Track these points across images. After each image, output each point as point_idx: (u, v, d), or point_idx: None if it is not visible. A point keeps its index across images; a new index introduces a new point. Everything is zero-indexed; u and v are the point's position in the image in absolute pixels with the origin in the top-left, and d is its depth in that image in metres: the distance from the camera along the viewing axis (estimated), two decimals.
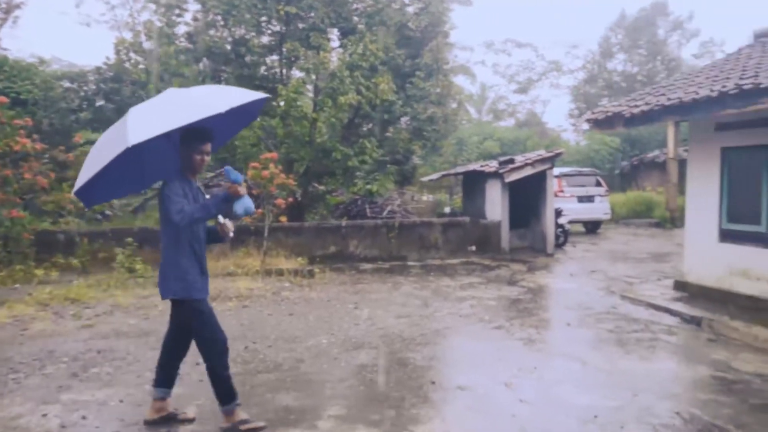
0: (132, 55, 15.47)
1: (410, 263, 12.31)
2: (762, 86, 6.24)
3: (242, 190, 3.85)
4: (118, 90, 17.53)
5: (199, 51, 14.22)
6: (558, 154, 13.84)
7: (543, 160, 13.34)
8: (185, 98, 4.02)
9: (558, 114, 67.52)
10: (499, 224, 13.30)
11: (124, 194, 6.40)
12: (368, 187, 13.73)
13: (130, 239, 10.35)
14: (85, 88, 17.76)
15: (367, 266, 11.85)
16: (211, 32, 14.34)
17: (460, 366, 5.85)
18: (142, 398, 4.86)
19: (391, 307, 8.19)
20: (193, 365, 5.70)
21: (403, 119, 16.08)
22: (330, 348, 6.30)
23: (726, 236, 8.19)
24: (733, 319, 7.16)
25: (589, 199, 17.68)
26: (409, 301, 8.55)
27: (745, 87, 6.47)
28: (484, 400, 4.87)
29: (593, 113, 9.27)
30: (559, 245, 14.41)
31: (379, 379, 5.35)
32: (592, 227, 18.61)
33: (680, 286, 8.88)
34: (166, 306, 8.08)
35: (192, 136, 4.00)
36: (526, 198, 13.90)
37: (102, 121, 16.96)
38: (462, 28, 59.18)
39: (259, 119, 13.38)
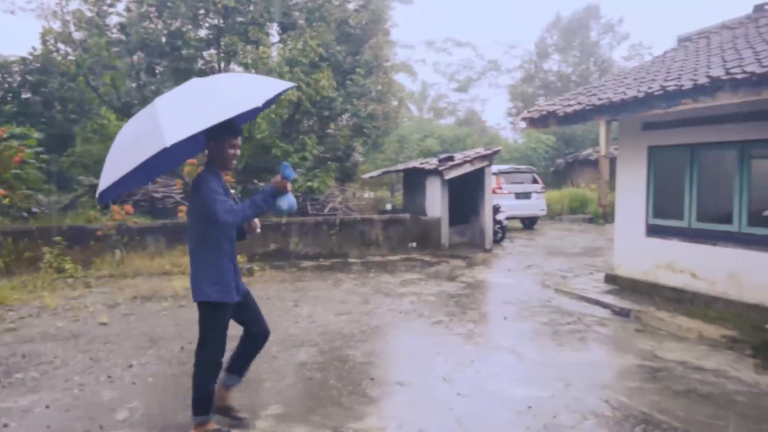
0: (60, 45, 14.81)
1: (351, 260, 12.31)
2: (684, 88, 6.55)
3: (289, 186, 3.68)
4: (46, 82, 16.76)
5: (132, 43, 13.76)
6: (496, 152, 14.13)
7: (481, 158, 13.60)
8: (216, 91, 3.72)
9: (497, 112, 68.94)
10: (439, 221, 13.47)
11: (131, 188, 5.65)
12: (309, 184, 13.64)
13: (58, 238, 9.93)
14: (9, 79, 16.90)
15: (308, 263, 11.78)
16: (145, 24, 13.89)
17: (399, 362, 5.89)
18: (69, 403, 4.67)
19: (331, 304, 8.17)
20: (125, 367, 5.54)
21: (344, 116, 16.06)
22: (269, 346, 6.21)
23: (652, 231, 8.57)
24: (658, 309, 7.51)
25: (526, 195, 18.14)
26: (349, 298, 8.55)
27: (669, 88, 6.78)
28: (423, 394, 4.93)
29: (529, 112, 9.52)
30: (497, 241, 14.73)
31: (319, 376, 5.34)
32: (528, 223, 19.12)
33: (611, 279, 9.24)
34: (97, 307, 7.82)
35: (225, 130, 3.77)
36: (466, 195, 14.14)
37: (28, 115, 16.19)
38: (403, 26, 59.63)
39: None
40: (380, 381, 5.23)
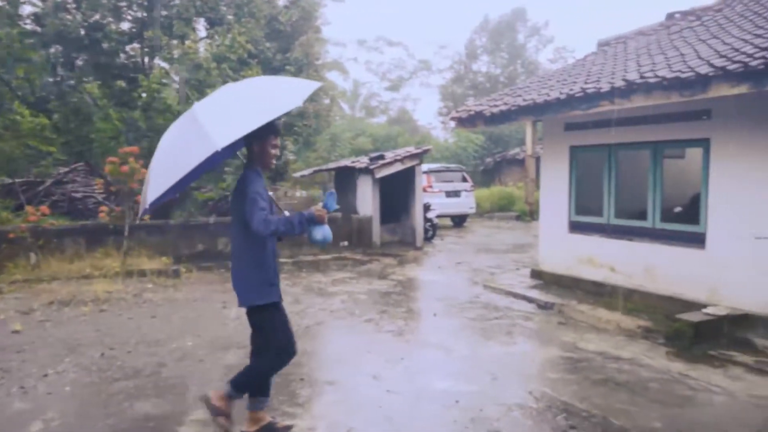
0: None
1: (282, 260, 12.16)
2: (602, 90, 6.85)
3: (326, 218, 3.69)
4: None
5: (48, 35, 13.07)
6: (426, 151, 14.31)
7: (412, 157, 13.74)
8: (257, 93, 3.78)
9: (428, 112, 69.92)
10: (370, 219, 13.52)
11: (172, 196, 5.08)
12: None
13: None
14: None
15: None
16: (62, 15, 13.23)
17: (329, 361, 5.87)
18: None
19: None
20: (40, 377, 5.26)
21: None
22: (195, 350, 6.07)
23: (575, 227, 8.91)
24: (580, 303, 7.82)
25: (456, 194, 18.47)
26: None
27: (588, 91, 7.07)
28: (352, 393, 4.93)
29: (457, 112, 9.70)
30: (428, 239, 14.93)
31: None
32: (458, 221, 19.48)
33: (536, 274, 9.54)
34: (9, 314, 7.38)
35: (267, 130, 3.73)
36: (397, 193, 14.25)
37: None
38: (335, 24, 59.44)
39: (118, 111, 12.58)
40: (310, 381, 5.19)
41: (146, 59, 14.07)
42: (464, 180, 19.01)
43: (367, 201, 13.66)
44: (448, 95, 42.07)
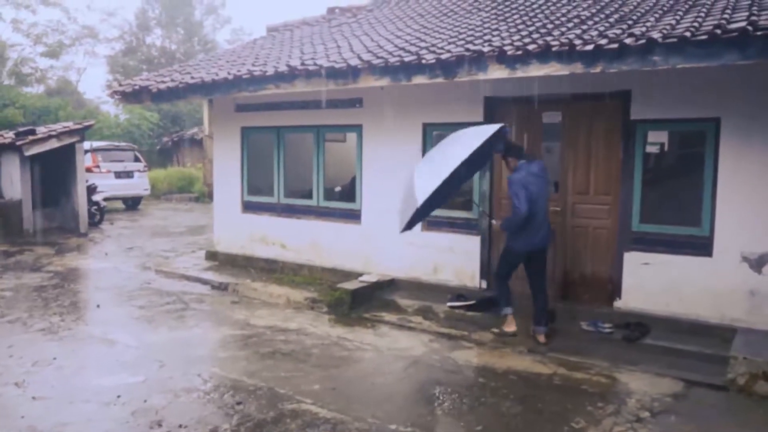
0: None
1: None
2: (267, 74, 7.05)
3: None
4: None
5: None
6: (87, 126, 12.90)
7: (71, 133, 12.24)
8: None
9: (96, 84, 62.86)
10: (20, 203, 11.68)
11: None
12: None
13: None
14: None
15: None
16: None
17: None
18: None
19: None
20: None
21: None
22: None
23: (248, 207, 9.08)
24: (254, 281, 8.02)
25: (128, 174, 17.16)
26: None
27: (255, 73, 7.21)
28: None
29: (121, 85, 8.97)
30: (94, 224, 13.56)
31: None
32: (132, 203, 18.17)
33: (211, 255, 9.46)
34: None
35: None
36: (55, 174, 12.57)
37: None
38: None
39: None
40: None
41: None
42: (137, 160, 17.76)
43: (14, 182, 11.74)
44: (118, 68, 38.57)
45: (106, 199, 14.69)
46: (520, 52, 5.38)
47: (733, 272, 5.52)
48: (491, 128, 5.52)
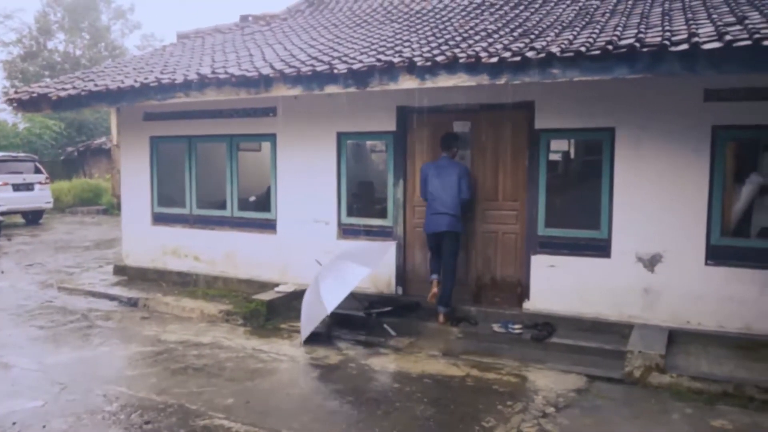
0: None
1: None
2: (176, 82, 6.86)
3: None
4: None
5: None
6: None
7: None
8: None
9: None
10: None
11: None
12: None
13: None
14: None
15: None
16: None
17: None
18: None
19: None
20: None
21: None
22: None
23: (158, 219, 8.78)
24: (165, 295, 7.75)
25: (28, 187, 16.15)
26: None
27: (163, 81, 6.99)
28: None
29: (17, 93, 8.44)
30: None
31: None
32: (33, 217, 17.10)
33: (120, 270, 9.07)
34: None
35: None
36: None
37: None
38: None
39: None
40: None
41: None
42: (38, 171, 16.75)
43: None
44: (16, 73, 36.30)
45: (3, 214, 13.79)
46: (429, 63, 5.52)
47: (629, 272, 5.89)
48: (388, 246, 6.68)
